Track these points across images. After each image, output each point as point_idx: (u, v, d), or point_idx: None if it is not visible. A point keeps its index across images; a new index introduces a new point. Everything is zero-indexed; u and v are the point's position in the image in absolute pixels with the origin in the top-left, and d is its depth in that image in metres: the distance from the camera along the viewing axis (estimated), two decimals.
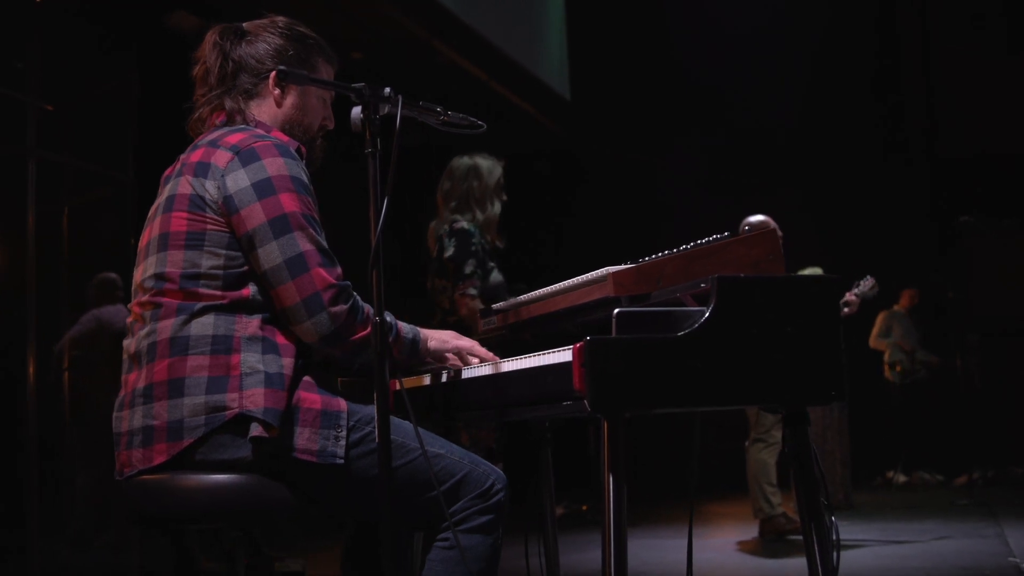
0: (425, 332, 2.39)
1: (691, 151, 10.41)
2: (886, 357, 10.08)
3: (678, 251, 2.20)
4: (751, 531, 6.10)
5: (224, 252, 2.15)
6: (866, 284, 5.66)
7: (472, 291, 4.30)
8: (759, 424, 5.86)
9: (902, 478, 9.82)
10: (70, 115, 6.03)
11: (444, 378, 2.43)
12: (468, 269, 4.33)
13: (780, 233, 5.01)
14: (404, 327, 2.34)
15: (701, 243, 2.22)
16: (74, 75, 5.93)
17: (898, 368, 10.01)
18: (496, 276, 4.39)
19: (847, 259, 7.92)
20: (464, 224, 4.41)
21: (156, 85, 5.88)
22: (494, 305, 2.77)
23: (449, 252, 4.37)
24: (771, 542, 5.78)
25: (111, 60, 6.01)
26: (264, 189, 2.14)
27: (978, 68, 10.64)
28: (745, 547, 5.79)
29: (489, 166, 4.54)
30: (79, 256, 6.24)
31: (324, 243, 2.18)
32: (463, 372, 2.39)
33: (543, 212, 9.98)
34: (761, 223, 5.54)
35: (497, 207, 4.50)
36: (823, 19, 10.85)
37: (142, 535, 5.30)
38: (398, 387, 2.13)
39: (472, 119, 2.36)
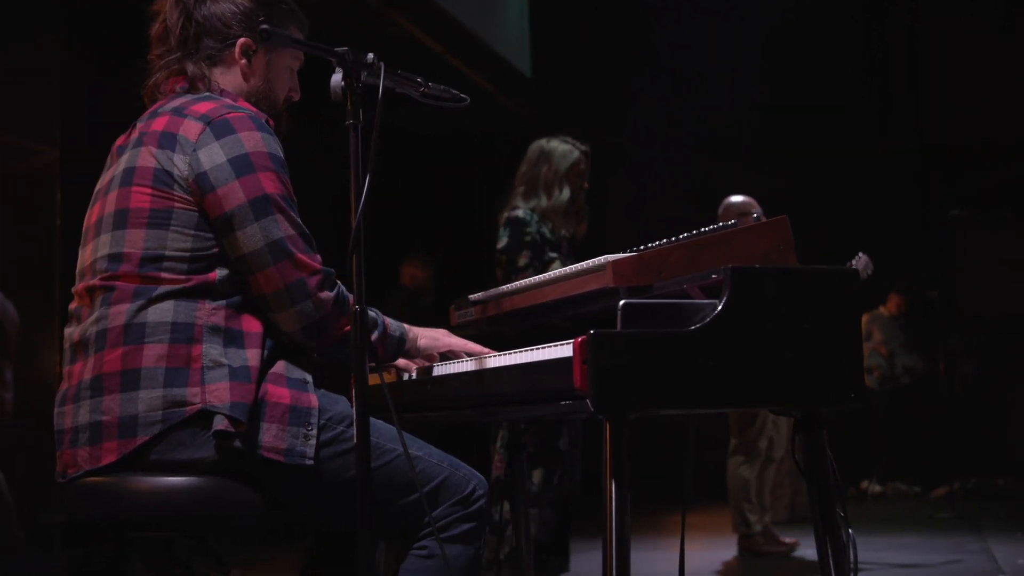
0: (415, 330, 2.39)
1: (663, 132, 10.42)
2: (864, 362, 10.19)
3: (681, 239, 2.20)
4: (731, 545, 6.08)
5: (193, 232, 2.12)
6: (858, 262, 5.42)
7: None
8: (741, 433, 5.80)
9: (877, 488, 9.97)
10: None
11: (420, 374, 2.41)
12: (522, 262, 4.37)
13: (764, 218, 4.99)
14: (392, 324, 2.33)
15: (706, 231, 2.22)
16: None
17: (876, 373, 10.16)
18: (559, 268, 4.37)
19: (827, 254, 7.97)
20: (519, 212, 4.49)
21: (88, 44, 5.75)
22: (471, 296, 2.74)
23: (502, 243, 4.46)
24: (753, 558, 5.78)
25: (33, 14, 5.86)
26: (242, 166, 2.11)
27: (969, 47, 10.70)
28: (727, 567, 5.75)
29: (565, 151, 4.59)
30: None
31: (304, 227, 2.17)
32: (436, 368, 2.38)
33: (503, 199, 9.91)
34: (743, 204, 5.50)
35: (566, 194, 4.54)
36: None
37: (68, 545, 5.19)
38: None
39: (454, 92, 2.35)
